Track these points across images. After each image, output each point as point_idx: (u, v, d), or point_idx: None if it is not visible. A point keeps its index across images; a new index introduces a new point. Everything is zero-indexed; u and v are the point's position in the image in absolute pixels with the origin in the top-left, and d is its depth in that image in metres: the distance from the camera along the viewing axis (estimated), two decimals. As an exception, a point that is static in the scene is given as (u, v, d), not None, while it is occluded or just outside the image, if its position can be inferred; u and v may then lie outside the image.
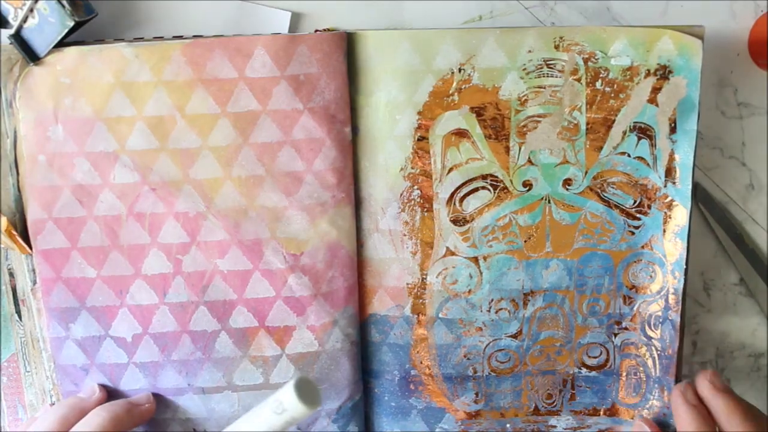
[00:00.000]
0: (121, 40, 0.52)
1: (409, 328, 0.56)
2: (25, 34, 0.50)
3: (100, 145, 0.51)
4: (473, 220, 0.54)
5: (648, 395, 0.57)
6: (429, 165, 0.53)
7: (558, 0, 0.55)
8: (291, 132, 0.51)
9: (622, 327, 0.56)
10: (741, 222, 0.58)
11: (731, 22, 0.55)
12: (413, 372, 0.56)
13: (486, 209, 0.54)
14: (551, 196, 0.54)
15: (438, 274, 0.55)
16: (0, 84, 0.51)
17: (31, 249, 0.52)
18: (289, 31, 0.54)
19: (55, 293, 0.53)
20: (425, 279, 0.55)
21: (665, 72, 0.51)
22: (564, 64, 0.52)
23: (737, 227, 0.58)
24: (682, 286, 0.54)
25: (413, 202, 0.54)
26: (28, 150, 0.51)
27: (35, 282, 0.54)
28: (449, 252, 0.55)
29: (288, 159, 0.51)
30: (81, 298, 0.53)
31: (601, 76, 0.52)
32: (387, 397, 0.57)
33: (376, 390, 0.57)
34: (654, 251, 0.55)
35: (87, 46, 0.50)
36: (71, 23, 0.49)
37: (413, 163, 0.53)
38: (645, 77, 0.52)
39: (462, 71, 0.52)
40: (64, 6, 0.48)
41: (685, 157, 0.52)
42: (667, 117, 0.52)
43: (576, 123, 0.53)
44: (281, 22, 0.54)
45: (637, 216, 0.54)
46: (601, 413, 0.58)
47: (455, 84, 0.52)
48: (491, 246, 0.55)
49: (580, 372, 0.57)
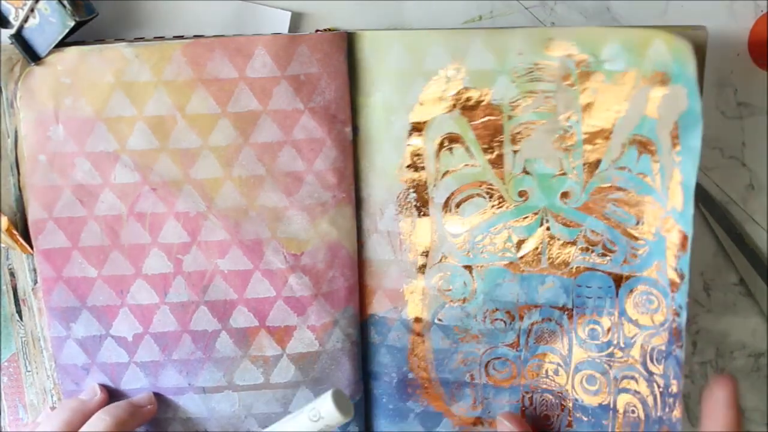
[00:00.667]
0: (122, 40, 0.52)
1: (407, 331, 0.55)
2: (26, 34, 0.50)
3: (100, 145, 0.51)
4: (468, 227, 0.53)
5: None
6: (424, 169, 0.52)
7: (558, 0, 0.55)
8: (291, 132, 0.51)
9: (621, 358, 0.52)
10: (741, 222, 0.58)
11: (731, 22, 0.55)
12: (410, 375, 0.56)
13: (481, 217, 0.53)
14: (549, 209, 0.52)
15: (433, 279, 0.54)
16: (1, 84, 0.51)
17: (32, 248, 0.52)
18: (290, 31, 0.54)
19: (56, 293, 0.53)
20: (422, 283, 0.54)
21: (662, 79, 0.46)
22: (555, 67, 0.49)
23: (737, 227, 0.58)
24: (684, 320, 0.48)
25: (409, 204, 0.53)
26: (28, 150, 0.51)
27: (36, 281, 0.54)
28: (444, 258, 0.54)
29: (288, 159, 0.51)
30: (82, 297, 0.53)
31: (596, 81, 0.48)
32: (385, 399, 0.57)
33: (375, 391, 0.57)
34: (658, 279, 0.50)
35: (87, 46, 0.50)
36: (72, 23, 0.49)
37: (408, 166, 0.53)
38: (641, 85, 0.47)
39: (452, 74, 0.50)
40: (64, 6, 0.48)
41: (688, 179, 0.45)
42: (669, 131, 0.46)
43: (572, 132, 0.50)
44: (281, 22, 0.54)
45: (641, 238, 0.50)
46: None
47: (445, 86, 0.51)
48: (485, 256, 0.53)
49: (578, 401, 0.55)
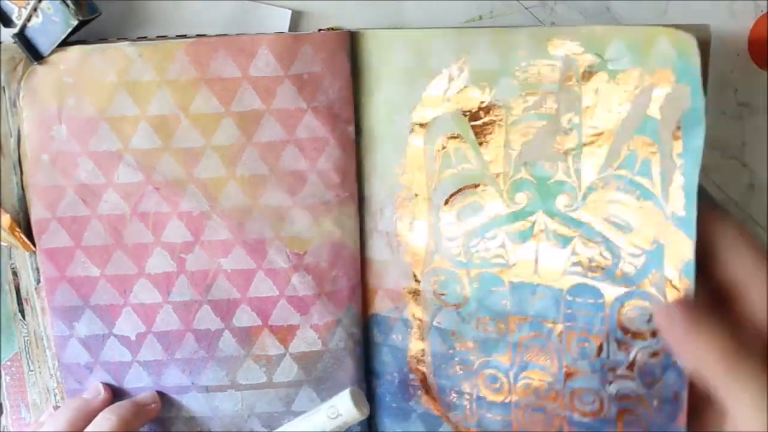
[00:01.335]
0: (124, 39, 0.52)
1: (407, 332, 0.55)
2: (29, 33, 0.50)
3: (103, 145, 0.51)
4: (464, 231, 0.52)
5: None
6: (423, 170, 0.52)
7: (558, 0, 0.55)
8: (295, 131, 0.51)
9: (617, 375, 0.49)
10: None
11: (731, 22, 0.55)
12: (411, 376, 0.56)
13: (478, 221, 0.51)
14: (545, 214, 0.49)
15: (429, 282, 0.53)
16: (3, 83, 0.51)
17: (35, 247, 0.52)
18: (290, 30, 0.54)
19: (59, 292, 0.53)
20: (419, 285, 0.54)
21: (666, 78, 0.44)
22: (558, 67, 0.47)
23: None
24: None
25: (408, 205, 0.53)
26: (31, 149, 0.51)
27: (39, 281, 0.54)
28: (440, 261, 0.53)
29: (292, 158, 0.52)
30: (85, 297, 0.53)
31: (599, 82, 0.46)
32: (388, 398, 0.57)
33: (378, 390, 0.57)
34: (654, 291, 0.47)
35: (90, 45, 0.50)
36: (75, 22, 0.49)
37: (408, 167, 0.52)
38: (645, 84, 0.45)
39: (454, 72, 0.50)
40: (68, 5, 0.48)
41: (690, 181, 0.44)
42: (671, 132, 0.44)
43: (573, 134, 0.48)
44: (281, 20, 0.54)
45: (637, 247, 0.47)
46: None
47: (448, 86, 0.50)
48: (479, 261, 0.51)
49: (572, 416, 0.51)
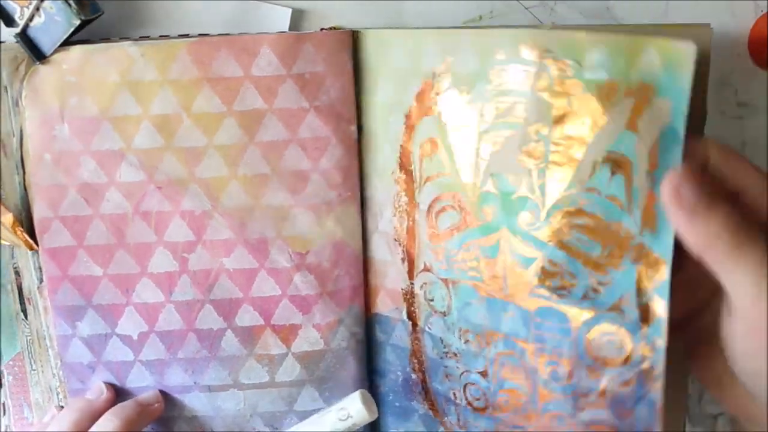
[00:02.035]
0: (127, 38, 0.52)
1: (407, 333, 0.55)
2: (31, 32, 0.50)
3: (106, 144, 0.51)
4: (444, 240, 0.50)
5: None
6: (412, 173, 0.51)
7: (558, 0, 0.55)
8: (297, 131, 0.51)
9: (588, 402, 0.46)
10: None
11: (731, 22, 0.56)
12: (413, 376, 0.56)
13: (455, 231, 0.49)
14: (508, 231, 0.46)
15: (420, 286, 0.53)
16: (6, 83, 0.51)
17: (37, 245, 0.52)
18: (290, 29, 0.54)
19: (62, 291, 0.53)
20: (413, 288, 0.54)
21: (647, 92, 0.41)
22: (533, 72, 0.44)
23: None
24: (662, 357, 0.43)
25: (402, 208, 0.53)
26: (33, 149, 0.51)
27: (41, 280, 0.54)
28: (427, 267, 0.52)
29: (294, 158, 0.52)
30: (87, 296, 0.53)
31: (573, 91, 0.43)
32: (391, 397, 0.57)
33: (381, 389, 0.57)
34: (624, 315, 0.44)
35: (93, 45, 0.50)
36: (77, 22, 0.49)
37: (400, 168, 0.52)
38: (624, 97, 0.41)
39: (440, 74, 0.48)
40: (70, 5, 0.48)
41: None
42: (648, 148, 0.41)
43: (540, 146, 0.44)
44: (282, 19, 0.54)
45: (606, 269, 0.44)
46: None
47: (434, 88, 0.49)
48: (458, 272, 0.50)
49: None
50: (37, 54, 0.50)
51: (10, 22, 0.50)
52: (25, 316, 0.55)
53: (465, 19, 0.55)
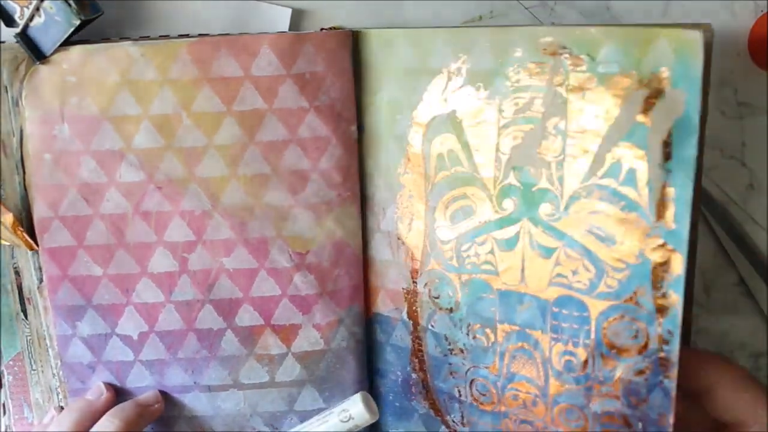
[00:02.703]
0: (126, 38, 0.52)
1: (407, 332, 0.55)
2: (32, 32, 0.50)
3: (106, 144, 0.51)
4: (457, 235, 0.50)
5: None
6: (422, 170, 0.51)
7: (558, 0, 0.55)
8: (297, 130, 0.51)
9: (601, 392, 0.47)
10: (741, 222, 0.58)
11: (731, 22, 0.56)
12: (414, 376, 0.56)
13: (469, 226, 0.50)
14: (530, 222, 0.48)
15: (425, 284, 0.53)
16: (6, 82, 0.51)
17: (37, 245, 0.52)
18: (290, 29, 0.54)
19: (62, 291, 0.53)
20: (416, 287, 0.54)
21: (660, 83, 0.42)
22: (549, 68, 0.45)
23: (737, 227, 0.58)
24: (676, 347, 0.44)
25: (408, 206, 0.53)
26: (34, 149, 0.51)
27: (41, 280, 0.54)
28: (434, 264, 0.52)
29: (294, 157, 0.52)
30: (87, 296, 0.53)
31: (588, 86, 0.44)
32: (392, 397, 0.57)
33: (381, 389, 0.57)
34: (640, 306, 0.45)
35: (93, 44, 0.50)
36: (77, 22, 0.49)
37: (407, 166, 0.52)
38: (636, 88, 0.43)
39: (453, 72, 0.49)
40: (70, 5, 0.48)
41: (682, 192, 0.42)
42: (661, 139, 0.42)
43: (558, 139, 0.46)
44: (282, 18, 0.54)
45: (621, 261, 0.45)
46: None
47: (446, 85, 0.49)
48: (469, 266, 0.50)
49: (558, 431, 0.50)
50: (37, 54, 0.50)
51: (10, 22, 0.50)
52: (25, 316, 0.55)
53: (465, 19, 0.55)
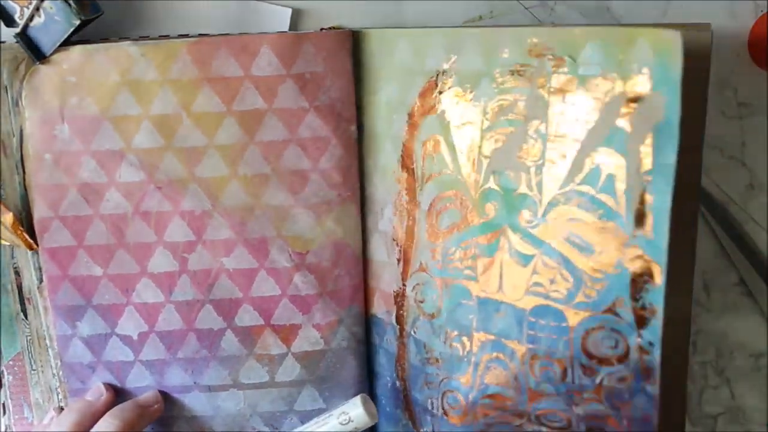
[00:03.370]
0: (126, 38, 0.52)
1: (395, 338, 0.55)
2: (31, 32, 0.50)
3: (106, 144, 0.51)
4: (443, 238, 0.50)
5: None
6: (414, 171, 0.51)
7: (558, 0, 0.55)
8: (297, 130, 0.51)
9: (584, 398, 0.46)
10: (741, 222, 0.58)
11: (731, 22, 0.56)
12: (397, 384, 0.55)
13: (455, 229, 0.49)
14: (509, 229, 0.47)
15: (413, 287, 0.53)
16: (6, 82, 0.51)
17: (37, 245, 0.52)
18: (290, 28, 0.54)
19: (62, 291, 0.53)
20: (405, 290, 0.53)
21: (640, 85, 0.40)
22: (533, 70, 0.44)
23: (737, 227, 0.58)
24: (657, 358, 0.42)
25: (402, 207, 0.53)
26: (34, 149, 0.51)
27: (41, 280, 0.54)
28: (421, 267, 0.52)
29: (294, 157, 0.52)
30: (87, 296, 0.53)
31: (568, 88, 0.43)
32: (384, 401, 0.57)
33: (376, 391, 0.57)
34: (619, 317, 0.43)
35: (93, 44, 0.50)
36: (77, 22, 0.49)
37: (402, 167, 0.52)
38: (616, 92, 0.41)
39: (444, 73, 0.49)
40: (70, 5, 0.48)
41: (661, 200, 0.40)
42: (639, 146, 0.40)
43: (538, 143, 0.44)
44: (282, 18, 0.54)
45: (599, 271, 0.43)
46: None
47: (438, 87, 0.49)
48: (452, 271, 0.50)
49: (540, 429, 0.48)
50: (37, 54, 0.50)
51: (9, 22, 0.50)
52: (25, 316, 0.55)
53: (465, 19, 0.55)
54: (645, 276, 0.42)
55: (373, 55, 0.52)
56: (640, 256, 0.42)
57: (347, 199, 0.53)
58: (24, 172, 0.52)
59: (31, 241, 0.52)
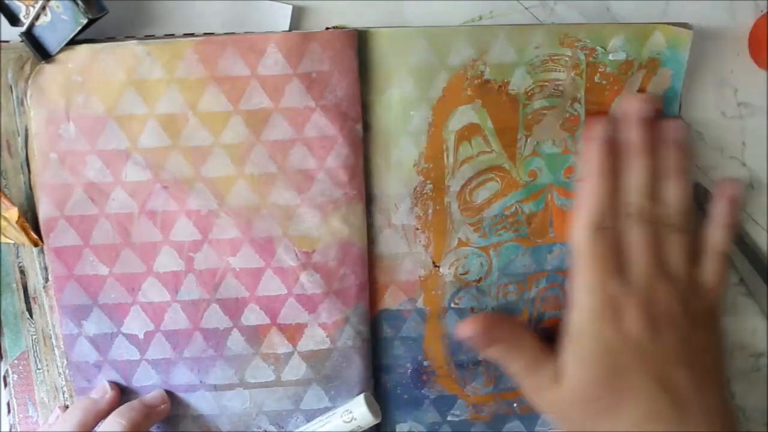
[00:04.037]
0: (132, 37, 0.52)
1: (422, 320, 0.56)
2: (37, 31, 0.49)
3: (112, 143, 0.51)
4: (483, 210, 0.56)
5: None
6: (442, 159, 0.54)
7: (558, 0, 0.55)
8: (303, 130, 0.51)
9: None
10: (741, 222, 0.59)
11: (731, 22, 0.56)
12: (425, 363, 0.57)
13: (494, 200, 0.56)
14: (554, 184, 0.56)
15: (450, 265, 0.56)
16: (11, 82, 0.50)
17: (42, 241, 0.52)
18: (290, 26, 0.54)
19: (68, 290, 0.53)
20: (438, 271, 0.56)
21: (654, 64, 0.54)
22: (567, 59, 0.54)
23: (737, 227, 0.58)
24: None
25: (426, 196, 0.54)
26: (39, 148, 0.51)
27: (47, 279, 0.54)
28: (461, 243, 0.56)
29: (300, 156, 0.52)
30: (93, 295, 0.53)
31: (600, 70, 0.54)
32: (399, 390, 0.58)
33: (387, 385, 0.58)
34: None
35: (99, 44, 0.50)
36: (84, 21, 0.49)
37: (426, 158, 0.54)
38: (637, 70, 0.54)
39: (475, 67, 0.53)
40: (77, 3, 0.48)
41: None
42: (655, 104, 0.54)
43: (576, 114, 0.55)
44: (282, 16, 0.54)
45: None
46: None
47: (468, 79, 0.53)
48: (500, 235, 0.56)
49: None
50: (43, 53, 0.50)
51: (15, 21, 0.49)
52: (31, 315, 0.55)
53: (465, 19, 0.55)
54: None
55: (384, 54, 0.52)
56: None
57: (353, 198, 0.53)
58: (29, 171, 0.52)
59: (36, 237, 0.52)
